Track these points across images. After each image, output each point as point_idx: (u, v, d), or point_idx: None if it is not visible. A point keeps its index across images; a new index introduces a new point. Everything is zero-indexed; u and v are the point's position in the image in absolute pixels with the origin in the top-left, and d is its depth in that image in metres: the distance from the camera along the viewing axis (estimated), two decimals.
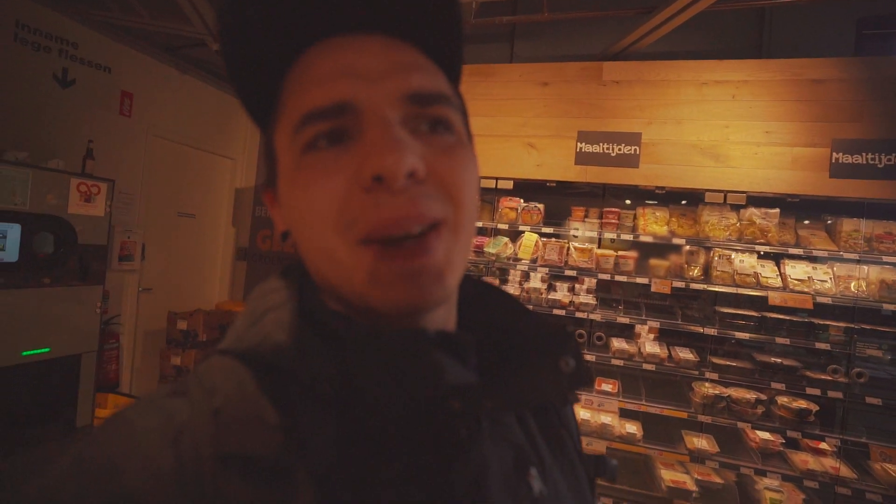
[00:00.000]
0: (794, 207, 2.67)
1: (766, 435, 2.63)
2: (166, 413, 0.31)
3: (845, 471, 2.45)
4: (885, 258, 2.51)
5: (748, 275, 2.69)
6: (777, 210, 2.65)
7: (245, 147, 4.75)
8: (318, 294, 0.38)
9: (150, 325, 3.92)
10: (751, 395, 2.66)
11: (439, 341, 0.33)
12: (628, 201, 3.21)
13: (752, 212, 2.69)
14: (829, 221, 2.70)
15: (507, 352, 0.40)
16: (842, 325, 2.60)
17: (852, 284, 2.57)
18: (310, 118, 0.34)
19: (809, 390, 2.55)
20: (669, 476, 2.68)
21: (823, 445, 2.56)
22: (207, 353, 0.38)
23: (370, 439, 0.32)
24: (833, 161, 2.42)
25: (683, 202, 3.02)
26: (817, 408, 2.56)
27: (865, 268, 2.59)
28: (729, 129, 2.63)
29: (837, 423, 2.59)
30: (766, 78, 2.61)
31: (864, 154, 2.38)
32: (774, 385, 2.62)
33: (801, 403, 2.58)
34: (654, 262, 2.93)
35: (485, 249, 3.08)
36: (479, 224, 3.13)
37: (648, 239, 2.82)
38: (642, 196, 3.10)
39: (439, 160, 0.35)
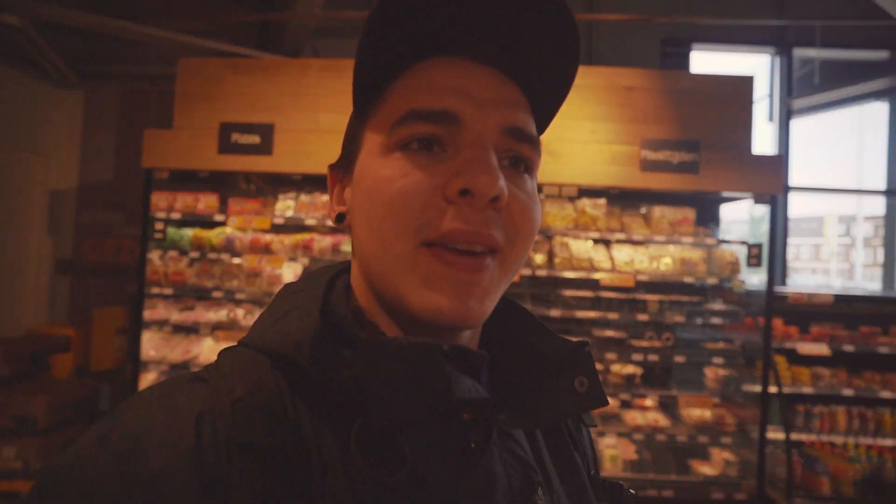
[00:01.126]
0: (618, 198, 3.05)
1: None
2: (188, 397, 0.33)
3: (663, 421, 2.89)
4: (683, 239, 3.00)
5: (584, 259, 3.02)
6: (604, 200, 3.00)
7: (61, 142, 4.02)
8: (346, 297, 0.40)
9: None
10: None
11: (452, 355, 0.33)
12: None
13: (585, 202, 3.02)
14: (643, 210, 3.14)
15: (525, 369, 0.41)
16: (656, 297, 3.05)
17: (662, 262, 3.02)
18: (414, 116, 0.35)
19: (635, 356, 2.96)
20: None
21: (647, 402, 3.00)
22: (229, 347, 0.39)
23: (380, 442, 0.33)
24: (642, 158, 2.81)
25: None
26: (641, 371, 2.97)
27: (671, 248, 3.07)
28: (563, 129, 2.91)
29: (656, 382, 3.04)
30: (592, 83, 2.94)
31: (665, 152, 2.80)
32: (609, 356, 2.98)
33: (630, 369, 2.98)
34: None
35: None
36: None
37: None
38: None
39: (517, 196, 0.37)
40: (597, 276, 2.93)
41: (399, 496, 0.32)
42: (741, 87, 2.90)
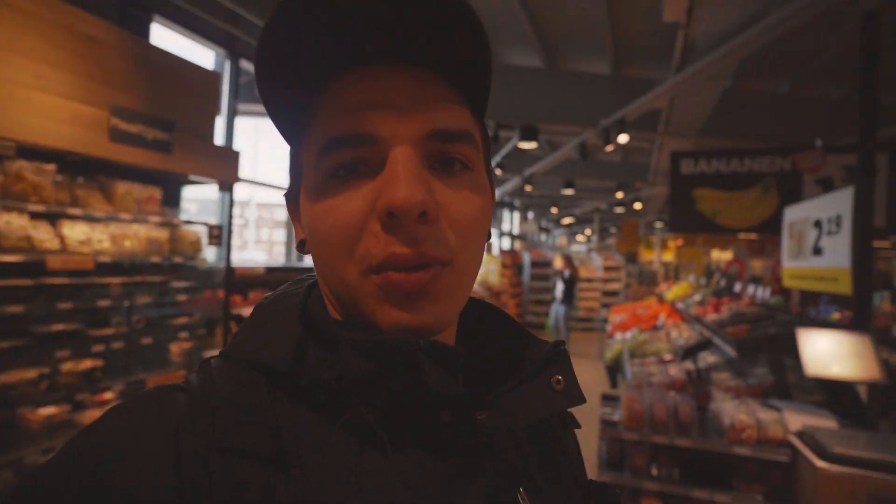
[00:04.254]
0: (73, 166, 2.54)
1: (49, 410, 2.46)
2: (167, 407, 0.33)
3: None
4: (150, 218, 2.92)
5: (20, 238, 2.33)
6: (54, 166, 2.43)
7: None
8: (322, 303, 0.40)
9: None
10: (32, 373, 2.39)
11: (429, 351, 0.34)
12: None
13: (23, 165, 2.33)
14: (104, 183, 2.78)
15: (501, 370, 0.40)
16: (120, 280, 2.81)
17: (127, 242, 2.81)
18: (334, 144, 0.35)
19: (96, 348, 2.62)
20: None
21: (108, 395, 2.73)
22: (209, 357, 0.39)
23: (363, 443, 0.33)
24: (112, 126, 2.50)
25: None
26: (102, 363, 2.67)
27: (136, 227, 2.90)
28: None
29: (120, 371, 2.82)
30: (39, 12, 2.27)
31: (139, 125, 2.61)
32: (60, 354, 2.48)
33: (88, 363, 2.61)
34: None
35: None
36: None
37: None
38: None
39: (452, 200, 0.36)
40: (47, 258, 2.35)
41: (381, 491, 0.32)
42: (212, 79, 3.12)
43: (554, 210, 14.11)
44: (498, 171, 7.58)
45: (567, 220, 16.37)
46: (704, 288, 5.88)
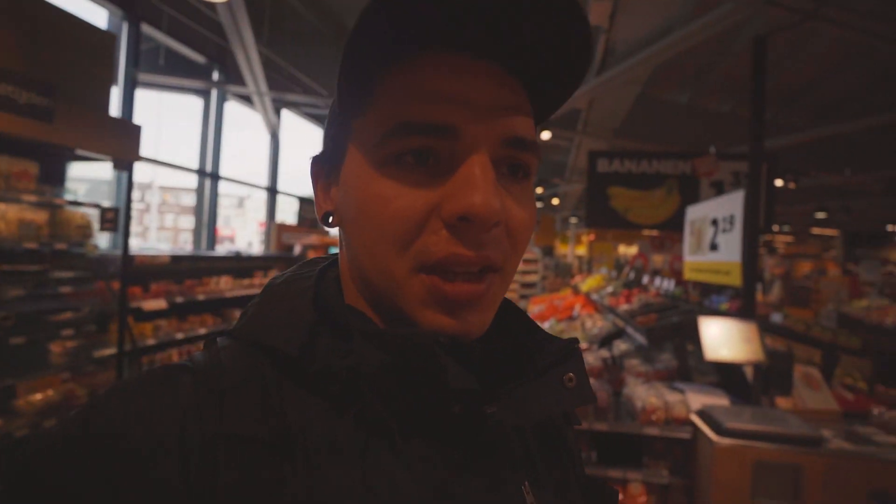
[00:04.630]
0: None
1: None
2: (173, 389, 0.32)
3: None
4: (23, 196, 2.50)
5: None
6: None
7: None
8: (337, 289, 0.39)
9: None
10: None
11: (448, 347, 0.34)
12: None
13: None
14: None
15: (514, 365, 0.40)
16: None
17: None
18: (407, 129, 0.33)
19: None
20: None
21: None
22: (216, 335, 0.39)
23: (371, 434, 0.33)
24: None
25: None
26: None
27: (5, 206, 2.47)
28: None
29: None
30: None
31: (9, 86, 2.21)
32: None
33: None
34: None
35: None
36: None
37: None
38: None
39: (512, 207, 0.36)
40: None
41: (388, 481, 0.32)
42: (105, 41, 2.73)
43: None
44: None
45: None
46: (615, 280, 6.31)
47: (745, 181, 3.99)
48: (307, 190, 7.90)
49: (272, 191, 7.08)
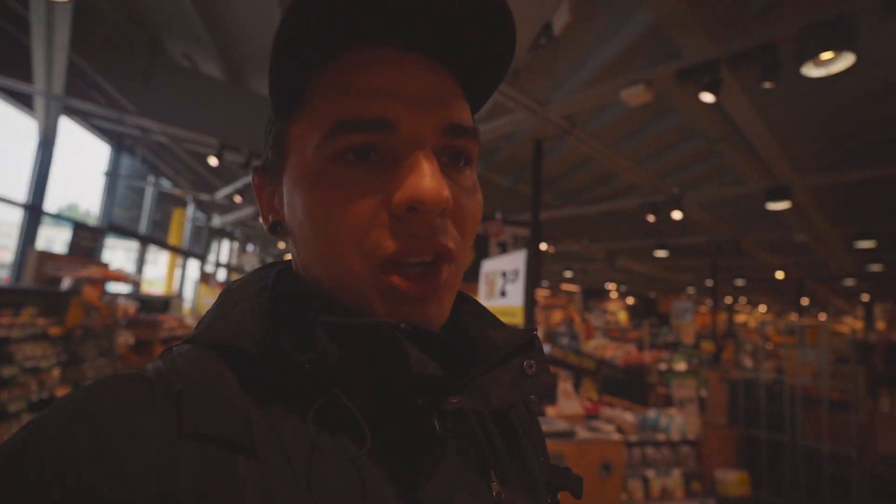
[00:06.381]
0: None
1: None
2: (127, 395, 0.30)
3: None
4: None
5: None
6: None
7: None
8: (295, 287, 0.39)
9: None
10: None
11: (409, 333, 0.33)
12: None
13: None
14: None
15: (475, 355, 0.40)
16: None
17: None
18: (346, 126, 0.33)
19: None
20: None
21: None
22: (173, 344, 0.37)
23: (340, 423, 0.33)
24: None
25: None
26: None
27: None
28: None
29: None
30: None
31: None
32: None
33: None
34: None
35: None
36: None
37: None
38: None
39: (461, 197, 0.36)
40: None
41: (352, 475, 0.32)
42: None
43: (281, 245, 13.92)
44: (237, 198, 7.20)
45: (290, 257, 16.19)
46: None
47: (526, 243, 5.17)
48: (89, 210, 6.62)
49: (33, 209, 5.72)
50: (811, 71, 2.43)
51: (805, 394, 4.04)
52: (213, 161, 5.54)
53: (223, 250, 13.52)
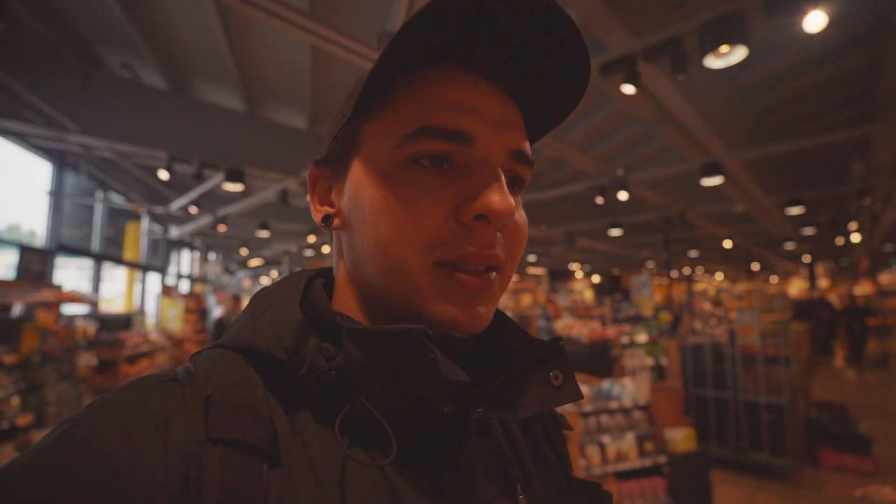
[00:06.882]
0: None
1: None
2: (157, 398, 0.32)
3: None
4: None
5: None
6: None
7: None
8: (325, 295, 0.39)
9: None
10: None
11: (438, 340, 0.33)
12: None
13: None
14: None
15: (501, 365, 0.41)
16: None
17: None
18: (428, 132, 0.35)
19: None
20: None
21: None
22: (203, 348, 0.38)
23: (365, 431, 0.34)
24: None
25: None
26: None
27: None
28: None
29: None
30: None
31: None
32: None
33: None
34: None
35: None
36: None
37: None
38: None
39: (515, 216, 0.38)
40: None
41: (381, 484, 0.32)
42: None
43: (244, 251, 13.67)
44: (192, 209, 7.08)
45: (255, 262, 15.96)
46: None
47: None
48: (33, 230, 6.39)
49: None
50: (713, 63, 2.69)
51: (745, 352, 4.38)
52: (163, 175, 5.43)
53: (184, 261, 13.16)
